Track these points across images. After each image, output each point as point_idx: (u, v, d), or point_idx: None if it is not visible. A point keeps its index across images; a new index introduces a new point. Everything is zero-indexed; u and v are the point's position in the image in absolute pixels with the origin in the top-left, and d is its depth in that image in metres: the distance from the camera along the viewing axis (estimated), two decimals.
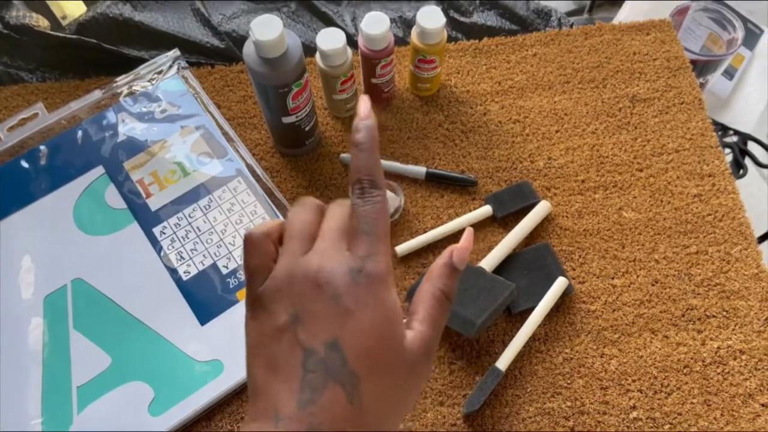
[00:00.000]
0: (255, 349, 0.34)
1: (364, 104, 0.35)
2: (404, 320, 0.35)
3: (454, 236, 0.66)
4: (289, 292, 0.33)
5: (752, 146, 1.04)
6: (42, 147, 0.68)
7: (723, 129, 1.05)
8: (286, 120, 0.64)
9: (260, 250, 0.35)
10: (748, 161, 1.04)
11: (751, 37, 1.04)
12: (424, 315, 0.36)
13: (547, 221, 0.67)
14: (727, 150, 1.03)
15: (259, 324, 0.34)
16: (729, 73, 1.05)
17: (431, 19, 0.64)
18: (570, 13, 1.73)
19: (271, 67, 0.57)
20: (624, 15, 1.14)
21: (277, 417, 0.31)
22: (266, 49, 0.56)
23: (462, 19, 0.80)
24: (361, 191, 0.34)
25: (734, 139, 1.05)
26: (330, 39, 0.63)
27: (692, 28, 1.00)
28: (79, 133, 0.69)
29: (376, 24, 0.64)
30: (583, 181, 0.69)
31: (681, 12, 0.98)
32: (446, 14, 0.80)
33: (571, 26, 0.80)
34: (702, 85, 1.00)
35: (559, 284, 0.61)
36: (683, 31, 1.01)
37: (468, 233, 0.38)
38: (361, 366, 0.31)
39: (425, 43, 0.66)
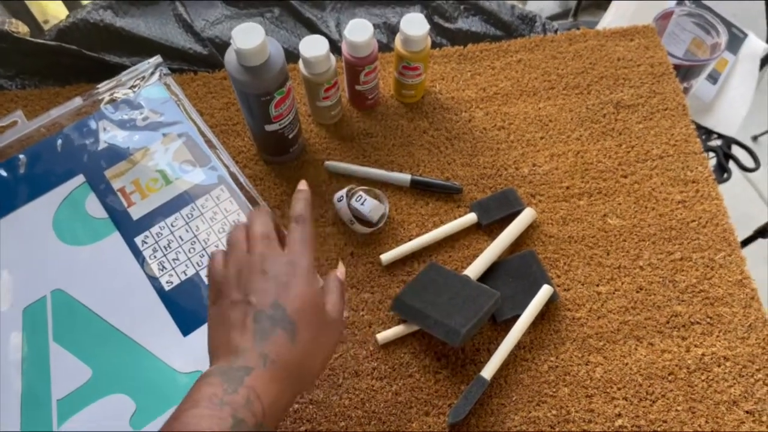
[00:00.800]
0: (215, 320, 0.47)
1: (303, 184, 0.53)
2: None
3: (439, 244, 0.66)
4: (240, 281, 0.47)
5: (736, 150, 1.04)
6: (21, 156, 0.67)
7: (707, 133, 1.05)
8: (269, 128, 0.63)
9: (215, 264, 0.50)
10: (732, 165, 1.04)
11: (735, 42, 1.05)
12: (335, 288, 0.50)
13: (532, 228, 0.67)
14: (711, 154, 1.04)
15: (213, 309, 0.48)
16: (713, 77, 1.06)
17: (415, 26, 0.64)
18: (554, 17, 1.74)
19: (253, 75, 0.57)
20: (609, 19, 1.14)
21: (237, 352, 0.43)
22: (248, 57, 0.55)
23: (446, 24, 0.79)
24: (298, 221, 0.49)
25: (718, 142, 1.05)
26: (313, 46, 0.63)
27: (676, 32, 1.01)
28: (59, 141, 0.68)
29: (359, 31, 0.63)
30: (567, 188, 0.69)
31: (665, 16, 0.98)
32: (430, 20, 0.80)
33: (556, 32, 0.80)
34: (686, 90, 1.00)
35: (544, 292, 0.61)
36: (667, 35, 1.01)
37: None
38: (297, 317, 0.45)
39: (409, 50, 0.66)
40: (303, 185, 0.53)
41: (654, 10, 1.02)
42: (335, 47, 0.77)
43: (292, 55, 0.77)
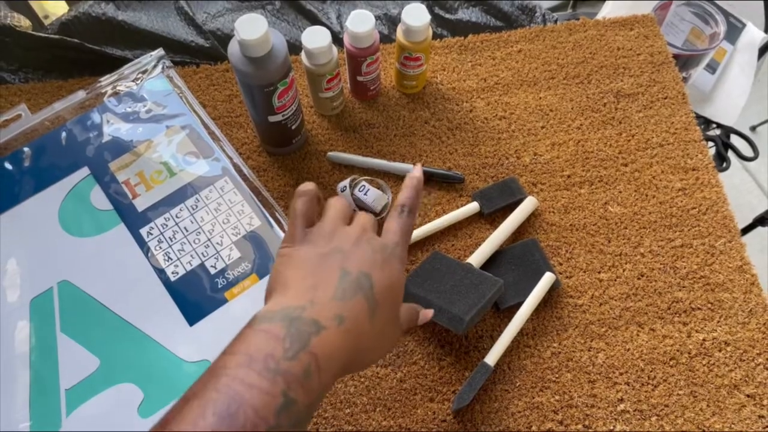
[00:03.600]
0: (294, 261, 0.43)
1: (418, 169, 0.51)
2: None
3: (442, 233, 0.66)
4: (333, 238, 0.45)
5: (735, 139, 1.05)
6: (26, 148, 0.68)
7: (706, 122, 1.06)
8: (273, 119, 0.63)
9: (310, 201, 0.47)
10: (731, 154, 1.05)
11: (733, 31, 1.05)
12: (411, 308, 0.49)
13: (533, 217, 0.67)
14: (710, 143, 1.04)
15: (299, 248, 0.44)
16: (711, 67, 1.06)
17: (416, 16, 0.64)
18: (554, 9, 1.74)
19: (256, 66, 0.57)
20: (608, 10, 1.15)
21: (312, 302, 0.40)
22: (251, 48, 0.56)
23: (447, 15, 0.80)
24: (402, 211, 0.48)
25: (717, 132, 1.06)
26: (315, 37, 0.63)
27: (675, 22, 1.01)
28: (64, 134, 0.69)
29: (361, 22, 0.64)
30: (568, 177, 0.69)
31: (663, 7, 0.99)
32: (431, 11, 0.80)
33: (555, 22, 0.80)
34: (685, 80, 1.01)
35: (547, 279, 0.62)
36: (666, 25, 1.01)
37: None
38: (381, 297, 0.42)
39: (410, 41, 0.66)
40: (418, 171, 0.50)
41: (649, 5, 1.02)
42: (337, 39, 0.78)
43: (294, 47, 0.77)
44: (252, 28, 0.55)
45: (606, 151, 0.71)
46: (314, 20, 0.79)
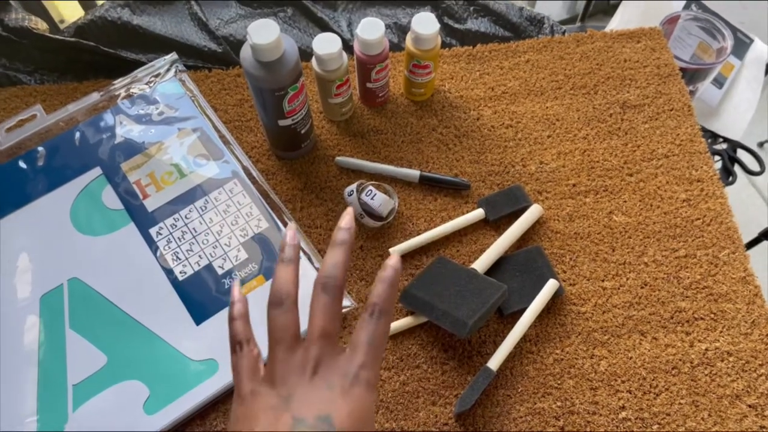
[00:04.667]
0: (240, 420, 0.39)
1: (394, 259, 0.43)
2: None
3: (447, 239, 0.67)
4: (283, 386, 0.40)
5: (741, 154, 1.05)
6: (40, 148, 0.69)
7: (713, 136, 1.06)
8: (283, 123, 0.65)
9: (248, 353, 0.43)
10: (737, 168, 1.05)
11: (741, 47, 1.06)
12: None
13: (538, 224, 0.68)
14: (717, 157, 1.05)
15: (248, 405, 0.40)
16: (718, 82, 1.07)
17: (426, 25, 0.66)
18: (562, 22, 1.75)
19: (268, 70, 0.58)
20: (615, 24, 1.16)
21: None
22: (263, 52, 0.57)
23: (456, 25, 0.81)
24: (372, 313, 0.41)
25: (724, 146, 1.06)
26: (326, 44, 0.64)
27: (682, 37, 1.02)
28: (77, 134, 0.70)
29: (371, 29, 0.65)
30: (574, 186, 0.70)
31: (671, 21, 0.99)
32: (440, 20, 0.81)
33: (564, 33, 0.81)
34: (692, 93, 1.01)
35: (550, 286, 0.62)
36: (673, 39, 1.02)
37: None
38: None
39: (420, 49, 0.67)
40: (394, 261, 0.42)
41: (660, 14, 1.03)
42: (347, 46, 0.79)
43: (304, 54, 0.79)
44: (264, 33, 0.56)
45: (611, 161, 0.71)
46: (325, 27, 0.80)
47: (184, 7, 0.81)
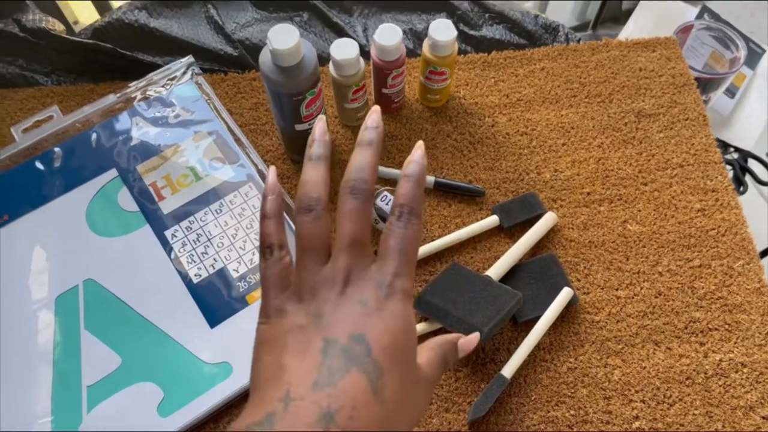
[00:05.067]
0: (267, 342, 0.35)
1: (419, 147, 0.39)
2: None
3: (461, 245, 0.67)
4: (311, 301, 0.36)
5: (753, 164, 1.05)
6: (56, 149, 0.69)
7: (724, 146, 1.06)
8: (299, 127, 0.65)
9: (278, 261, 0.39)
10: (748, 178, 1.05)
11: (753, 57, 1.06)
12: (437, 346, 0.40)
13: (553, 232, 0.68)
14: (728, 167, 1.05)
15: (273, 326, 0.36)
16: (730, 92, 1.07)
17: (443, 31, 0.66)
18: (573, 29, 1.75)
19: (287, 75, 0.58)
20: (628, 32, 1.16)
21: (286, 398, 0.30)
22: (283, 57, 0.57)
23: (471, 32, 0.81)
24: (401, 215, 0.37)
25: (735, 156, 1.06)
26: (344, 49, 0.64)
27: (695, 46, 1.02)
28: (94, 135, 0.70)
29: (389, 35, 0.65)
30: (588, 194, 0.70)
31: (684, 30, 0.99)
32: (456, 27, 0.81)
33: (579, 42, 0.81)
34: (704, 103, 1.02)
35: (564, 294, 0.62)
36: (686, 49, 1.02)
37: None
38: (385, 360, 0.32)
39: (436, 55, 0.68)
40: (418, 155, 0.38)
41: (673, 23, 1.03)
42: (362, 52, 0.79)
43: (320, 59, 0.79)
44: (284, 38, 0.56)
45: (626, 170, 0.71)
46: (341, 33, 0.81)
47: (201, 10, 0.81)
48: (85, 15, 1.35)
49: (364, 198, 0.38)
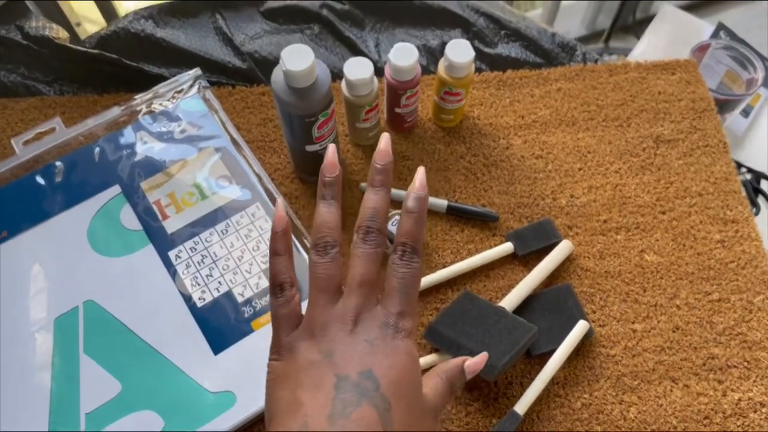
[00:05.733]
0: (280, 378, 0.38)
1: (420, 175, 0.41)
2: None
3: (474, 272, 0.65)
4: (323, 338, 0.38)
5: (765, 185, 1.03)
6: (58, 163, 0.67)
7: (737, 166, 1.05)
8: (310, 148, 0.63)
9: (289, 300, 0.41)
10: (761, 199, 1.04)
11: None
12: (443, 372, 0.42)
13: (568, 261, 0.66)
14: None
15: (286, 362, 0.38)
16: (745, 111, 1.05)
17: (460, 52, 0.64)
18: (583, 39, 1.73)
19: (300, 96, 0.56)
20: (642, 47, 1.14)
21: (306, 425, 0.33)
22: (296, 78, 0.55)
23: (486, 50, 0.79)
24: (403, 254, 0.40)
25: (748, 176, 1.05)
26: (358, 68, 0.62)
27: (711, 64, 1.00)
28: (97, 150, 0.68)
29: (404, 55, 0.63)
30: (605, 221, 0.68)
31: (702, 49, 0.98)
32: (471, 44, 0.79)
33: (596, 62, 0.79)
34: None
35: (580, 328, 0.61)
36: (702, 67, 1.00)
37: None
38: (392, 394, 0.35)
39: (452, 77, 0.66)
40: (417, 185, 0.40)
41: (688, 39, 1.02)
42: (375, 67, 0.77)
43: (331, 74, 0.76)
44: (298, 59, 0.54)
45: (644, 197, 0.69)
46: (352, 47, 0.79)
47: (209, 20, 0.79)
48: (90, 17, 1.33)
49: (376, 244, 0.40)
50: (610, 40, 1.59)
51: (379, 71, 0.77)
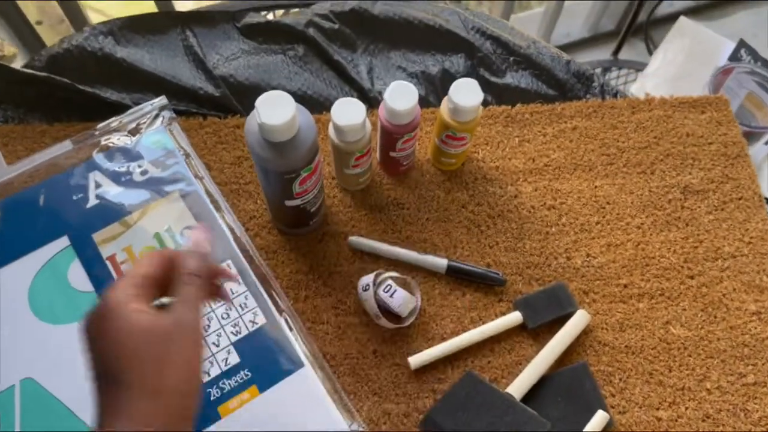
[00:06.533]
0: None
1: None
2: None
3: (478, 346, 0.57)
4: None
5: None
6: None
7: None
8: (290, 203, 0.54)
9: None
10: None
11: None
12: None
13: (584, 333, 0.58)
14: None
15: None
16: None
17: (467, 94, 0.55)
18: (585, 41, 1.64)
19: (278, 152, 0.47)
20: (657, 63, 1.06)
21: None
22: (274, 133, 0.46)
23: (493, 79, 0.70)
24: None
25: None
26: (347, 112, 0.53)
27: (733, 87, 0.92)
28: (43, 193, 0.59)
29: (402, 97, 0.54)
30: (625, 286, 0.60)
31: (725, 72, 0.89)
32: (475, 72, 0.70)
33: (616, 95, 0.70)
34: None
35: (599, 419, 0.53)
36: (723, 89, 0.92)
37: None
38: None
39: (457, 120, 0.57)
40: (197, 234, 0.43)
41: (706, 56, 0.94)
42: (365, 97, 0.68)
43: (316, 103, 0.67)
44: (276, 110, 0.45)
45: (669, 258, 0.61)
46: (341, 73, 0.69)
47: (178, 38, 0.69)
48: (54, 13, 1.21)
49: None
50: (620, 54, 1.50)
51: (371, 100, 0.68)
